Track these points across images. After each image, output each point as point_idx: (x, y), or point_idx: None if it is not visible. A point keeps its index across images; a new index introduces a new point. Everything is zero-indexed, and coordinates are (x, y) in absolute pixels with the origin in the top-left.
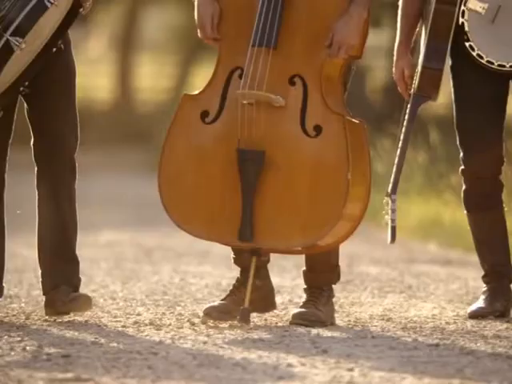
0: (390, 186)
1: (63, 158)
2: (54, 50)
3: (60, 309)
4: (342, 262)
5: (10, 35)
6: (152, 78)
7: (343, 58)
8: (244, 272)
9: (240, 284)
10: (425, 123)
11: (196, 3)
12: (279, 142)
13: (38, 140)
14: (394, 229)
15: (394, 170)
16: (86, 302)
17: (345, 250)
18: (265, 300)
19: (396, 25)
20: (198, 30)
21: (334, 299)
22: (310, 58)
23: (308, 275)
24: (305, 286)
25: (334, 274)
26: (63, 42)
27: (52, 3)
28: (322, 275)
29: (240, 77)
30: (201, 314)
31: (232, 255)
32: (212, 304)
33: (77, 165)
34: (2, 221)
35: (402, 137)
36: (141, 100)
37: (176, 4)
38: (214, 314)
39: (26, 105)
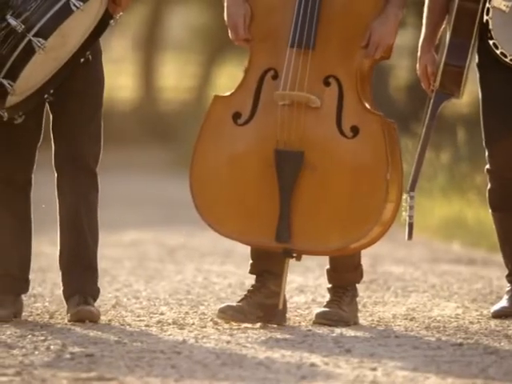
0: (409, 183)
1: (84, 169)
2: (82, 60)
3: (71, 318)
4: (366, 262)
5: (33, 36)
6: (175, 77)
7: (378, 58)
8: (260, 278)
9: (255, 289)
10: (449, 122)
11: (226, 4)
12: (316, 142)
13: (60, 149)
14: (411, 226)
15: (414, 167)
16: (88, 317)
17: (368, 249)
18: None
19: (420, 24)
20: (229, 31)
21: (357, 298)
22: (346, 58)
23: (332, 274)
24: (329, 286)
25: (357, 272)
26: (92, 52)
27: (78, 7)
28: (345, 275)
29: (273, 78)
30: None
31: (250, 261)
32: (229, 303)
33: (98, 178)
34: (29, 219)
35: (422, 134)
36: (164, 99)
37: (199, 3)
38: (230, 313)
39: (50, 114)
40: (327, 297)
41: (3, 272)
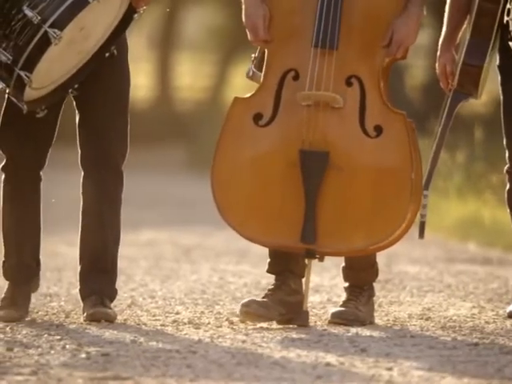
0: (424, 181)
1: (110, 166)
2: (107, 54)
3: (87, 319)
4: (381, 262)
5: (49, 27)
6: (191, 76)
7: (400, 57)
8: (280, 276)
9: (276, 287)
10: (465, 121)
11: (244, 5)
12: (341, 143)
13: (87, 148)
14: (423, 224)
15: (429, 166)
16: (104, 318)
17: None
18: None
19: (436, 23)
20: (248, 32)
21: (373, 298)
22: (367, 58)
23: (347, 273)
24: (345, 285)
25: (373, 270)
26: (118, 48)
27: None
28: (361, 273)
29: (294, 79)
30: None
31: (268, 260)
32: (251, 298)
33: (124, 175)
34: (39, 211)
35: (438, 133)
36: (180, 98)
37: (215, 3)
38: (254, 306)
39: (76, 111)
40: (343, 296)
41: (16, 261)
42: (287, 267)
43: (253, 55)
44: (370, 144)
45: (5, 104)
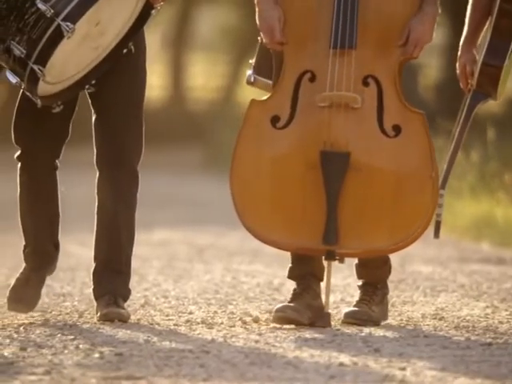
0: (440, 181)
1: (125, 167)
2: (125, 51)
3: (100, 318)
4: (395, 262)
5: (62, 20)
6: (204, 76)
7: (416, 56)
8: (303, 280)
9: (301, 291)
10: (478, 121)
11: (259, 8)
12: (360, 143)
13: (103, 148)
14: (439, 224)
15: (446, 165)
16: (117, 318)
17: None
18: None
19: (449, 23)
20: (264, 35)
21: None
22: (383, 57)
23: (361, 270)
24: (359, 283)
25: (386, 268)
26: (136, 46)
27: None
28: (375, 271)
29: (311, 80)
30: (253, 313)
31: (289, 265)
32: (284, 304)
33: (139, 175)
34: (55, 185)
35: (457, 133)
36: (193, 98)
37: (228, 4)
38: (289, 311)
39: (92, 109)
40: (356, 296)
41: (34, 247)
42: (310, 271)
43: (251, 61)
44: (389, 144)
45: (19, 97)
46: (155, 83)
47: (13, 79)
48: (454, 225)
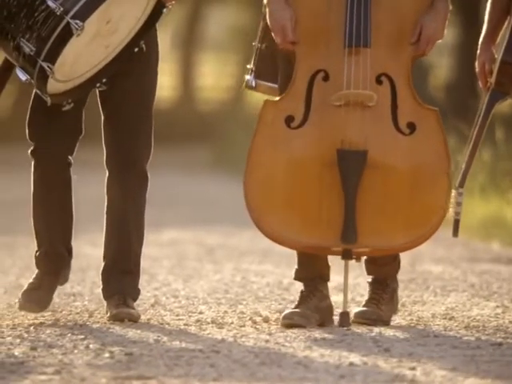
0: (459, 178)
1: (134, 168)
2: (136, 50)
3: (110, 319)
4: (405, 261)
5: (71, 18)
6: (214, 76)
7: (428, 53)
8: (311, 282)
9: (309, 293)
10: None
11: (270, 8)
12: (376, 141)
13: (111, 147)
14: (457, 222)
15: (465, 164)
16: (127, 318)
17: None
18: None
19: (460, 23)
20: (276, 35)
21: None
22: (396, 55)
23: (370, 267)
24: (369, 279)
25: (395, 263)
26: (147, 45)
27: None
28: (384, 267)
29: (324, 79)
30: (263, 313)
31: (296, 267)
32: (291, 310)
33: (149, 176)
34: (69, 183)
35: (475, 131)
36: (203, 98)
37: (238, 3)
38: (296, 318)
39: (101, 110)
40: (366, 295)
41: (47, 249)
42: (317, 273)
43: (248, 66)
44: (405, 141)
45: (34, 93)
46: (165, 83)
47: (23, 77)
48: (464, 224)
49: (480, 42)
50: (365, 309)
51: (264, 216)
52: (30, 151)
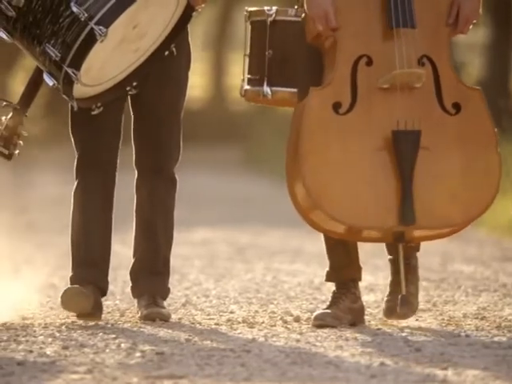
0: None
1: (163, 173)
2: (166, 53)
3: (141, 319)
4: (436, 261)
5: (95, 24)
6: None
7: (466, 32)
8: (343, 285)
9: (341, 294)
10: None
11: None
12: (426, 121)
13: (140, 150)
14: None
15: None
16: (158, 317)
17: (438, 248)
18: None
19: (491, 22)
20: (318, 22)
21: (427, 298)
22: (434, 36)
23: (391, 247)
24: (389, 257)
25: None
26: (178, 48)
27: None
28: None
29: (367, 64)
30: (294, 312)
31: (327, 269)
32: (322, 311)
33: (177, 179)
34: (110, 219)
35: None
36: (234, 98)
37: (269, 4)
38: (328, 319)
39: (131, 112)
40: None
41: (83, 260)
42: (350, 277)
43: (246, 76)
44: (452, 121)
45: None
46: (196, 83)
47: (50, 82)
48: (495, 224)
49: None
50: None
51: (325, 199)
52: (75, 160)
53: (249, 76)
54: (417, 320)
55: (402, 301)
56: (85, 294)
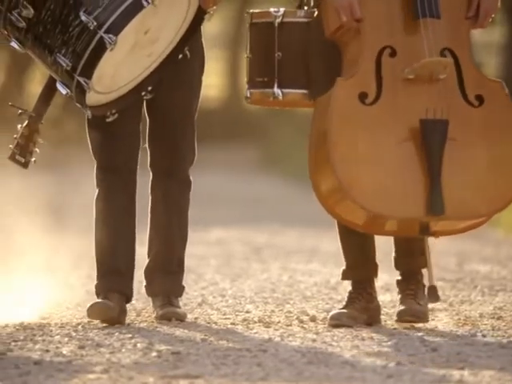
0: None
1: (178, 175)
2: (180, 56)
3: (157, 319)
4: (452, 261)
5: (104, 32)
6: None
7: (485, 26)
8: (360, 284)
9: (358, 294)
10: None
11: None
12: (452, 112)
13: (155, 152)
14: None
15: None
16: (174, 317)
17: (454, 247)
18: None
19: (507, 22)
20: (343, 13)
21: (443, 297)
22: (455, 30)
23: (404, 260)
24: (398, 278)
25: (424, 258)
26: (191, 51)
27: (149, 3)
28: (418, 259)
29: (391, 55)
30: (310, 312)
31: (343, 268)
32: (338, 311)
33: (192, 180)
34: (133, 225)
35: None
36: None
37: (285, 4)
38: (344, 319)
39: (146, 116)
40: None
41: (109, 268)
42: (366, 277)
43: (255, 78)
44: (476, 113)
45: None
46: (213, 82)
47: (63, 90)
48: None
49: None
50: (404, 307)
51: (355, 188)
52: (95, 169)
53: (256, 78)
54: (433, 320)
55: (429, 291)
56: (110, 307)
